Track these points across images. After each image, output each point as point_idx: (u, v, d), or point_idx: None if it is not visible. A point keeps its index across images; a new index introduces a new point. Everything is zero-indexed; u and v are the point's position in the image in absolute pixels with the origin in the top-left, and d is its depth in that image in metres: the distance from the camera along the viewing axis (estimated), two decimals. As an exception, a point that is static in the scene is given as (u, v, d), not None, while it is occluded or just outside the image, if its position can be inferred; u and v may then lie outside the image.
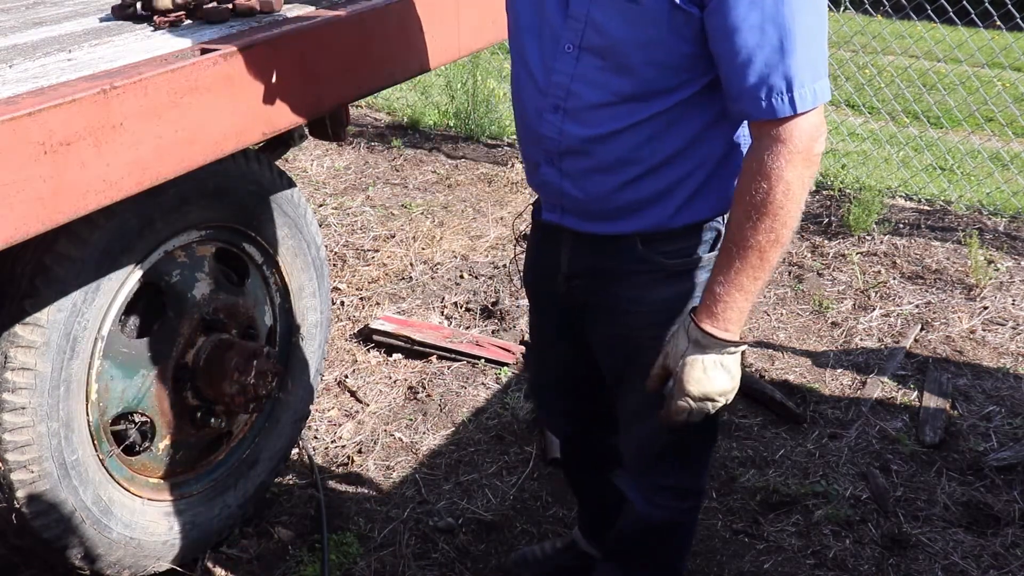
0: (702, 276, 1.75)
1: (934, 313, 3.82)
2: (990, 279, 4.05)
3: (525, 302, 3.81)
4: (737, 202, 1.56)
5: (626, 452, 2.01)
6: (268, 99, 1.78)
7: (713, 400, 1.64)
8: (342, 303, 3.82)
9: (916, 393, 3.29)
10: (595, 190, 1.71)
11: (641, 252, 1.74)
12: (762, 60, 1.48)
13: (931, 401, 3.21)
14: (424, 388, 3.29)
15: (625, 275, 1.77)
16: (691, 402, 1.64)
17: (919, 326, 3.71)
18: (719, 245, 1.73)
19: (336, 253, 4.22)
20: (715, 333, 1.59)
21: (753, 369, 3.42)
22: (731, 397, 1.67)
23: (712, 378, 1.62)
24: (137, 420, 2.18)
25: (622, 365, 1.89)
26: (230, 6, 1.97)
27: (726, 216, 1.73)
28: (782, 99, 1.49)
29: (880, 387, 3.33)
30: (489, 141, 5.66)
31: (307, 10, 2.04)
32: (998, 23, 5.57)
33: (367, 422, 3.12)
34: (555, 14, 1.63)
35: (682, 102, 1.61)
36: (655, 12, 1.51)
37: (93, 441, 2.07)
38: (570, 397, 2.15)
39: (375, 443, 3.02)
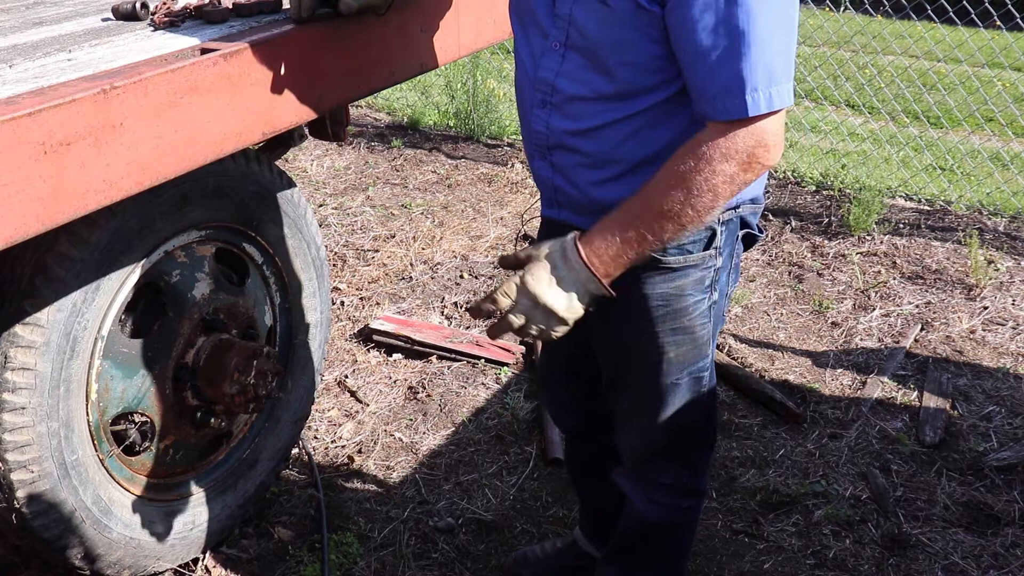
0: (696, 274, 1.76)
1: (934, 313, 3.82)
2: (990, 279, 4.05)
3: (525, 302, 3.80)
4: (663, 166, 1.55)
5: (624, 450, 2.01)
6: (268, 99, 1.78)
7: (533, 316, 1.58)
8: (342, 303, 3.82)
9: (916, 393, 3.29)
10: (582, 185, 1.74)
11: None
12: (715, 62, 1.48)
13: (931, 401, 3.21)
14: (424, 388, 3.29)
15: (624, 274, 1.77)
16: (513, 296, 1.58)
17: (919, 326, 3.71)
18: (713, 244, 1.75)
19: (336, 253, 4.22)
20: (583, 253, 1.56)
21: (753, 369, 3.42)
22: (554, 331, 1.60)
23: (553, 292, 1.57)
24: (137, 420, 2.18)
25: (618, 362, 1.90)
26: (230, 6, 1.97)
27: (723, 215, 1.74)
28: (732, 102, 1.48)
29: (880, 387, 3.33)
30: (489, 141, 5.66)
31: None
32: (998, 23, 5.57)
33: (367, 422, 3.12)
34: (544, 13, 1.66)
35: (662, 103, 1.61)
36: (622, 13, 1.54)
37: (93, 441, 2.07)
38: (576, 393, 2.16)
39: (375, 443, 3.02)
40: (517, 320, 1.60)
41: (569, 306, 1.59)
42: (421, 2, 2.16)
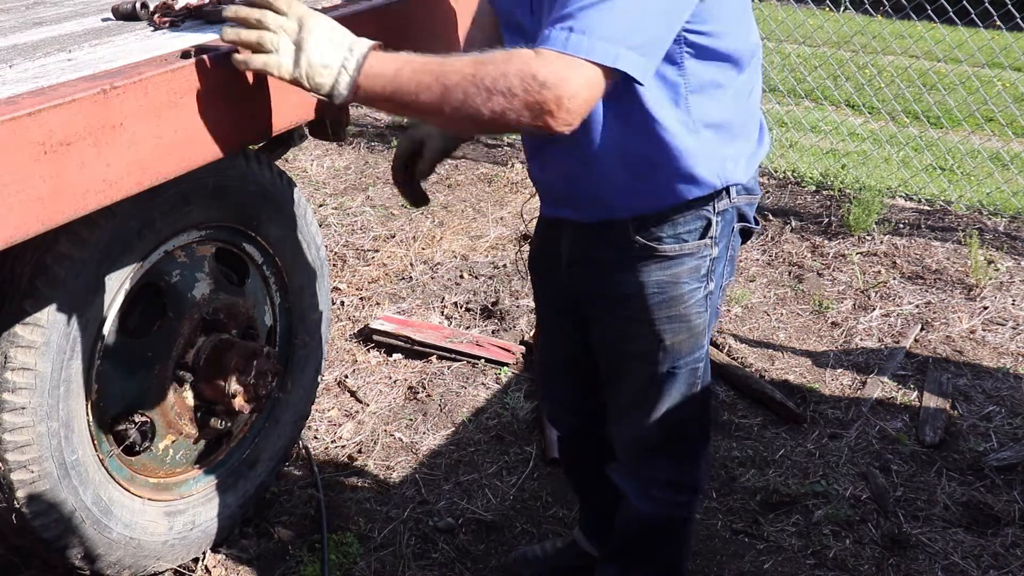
0: (691, 262, 1.77)
1: (934, 313, 3.82)
2: (990, 279, 4.05)
3: (525, 302, 3.81)
4: (482, 52, 1.50)
5: (619, 445, 2.02)
6: (268, 99, 1.78)
7: (284, 40, 1.51)
8: (342, 303, 3.82)
9: (916, 393, 3.29)
10: (572, 180, 1.75)
11: (634, 238, 1.76)
12: (569, 2, 1.46)
13: (931, 401, 3.21)
14: (424, 388, 3.29)
15: (620, 260, 1.79)
16: (289, 11, 1.51)
17: (919, 326, 3.71)
18: (709, 233, 1.76)
19: (336, 253, 4.22)
20: (366, 63, 1.51)
21: (753, 369, 3.42)
22: (279, 68, 1.52)
23: (321, 43, 1.50)
24: (137, 420, 2.18)
25: (616, 352, 1.91)
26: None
27: (718, 204, 1.75)
28: (559, 32, 1.44)
29: (880, 387, 3.33)
30: (489, 141, 5.66)
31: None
32: (998, 23, 5.57)
33: (367, 422, 3.12)
34: (523, 14, 1.67)
35: (624, 92, 1.59)
36: None
37: (93, 441, 2.07)
38: (576, 388, 2.16)
39: (375, 443, 3.02)
40: (269, 26, 1.52)
41: (312, 66, 1.50)
42: (419, 2, 2.17)
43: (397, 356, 3.49)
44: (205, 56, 1.65)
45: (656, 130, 1.65)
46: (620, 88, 1.55)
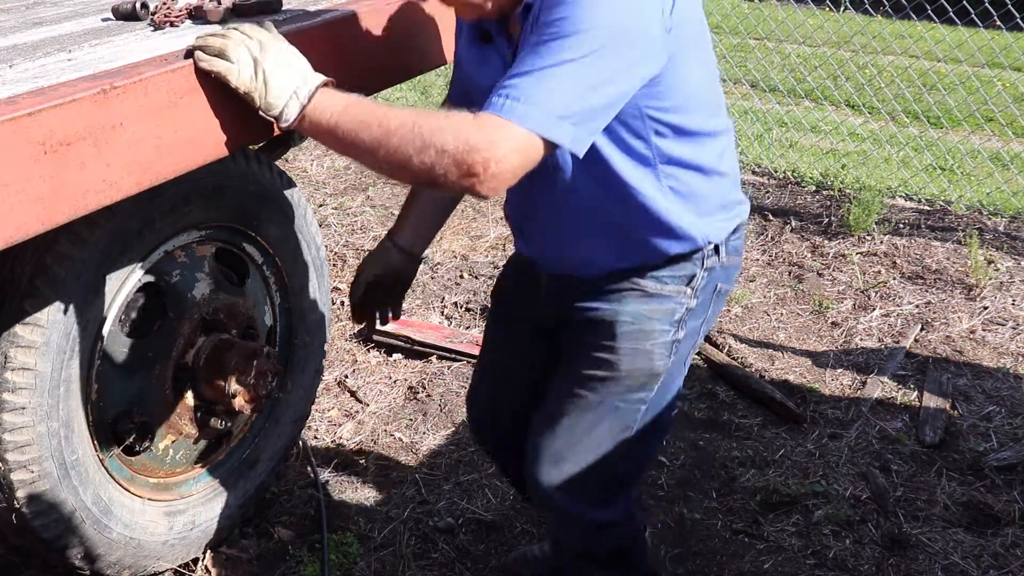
0: (668, 304, 1.79)
1: (934, 313, 3.82)
2: (990, 279, 4.05)
3: (525, 302, 3.81)
4: (423, 110, 1.54)
5: (546, 490, 1.92)
6: (268, 99, 1.78)
7: (240, 51, 1.56)
8: (342, 303, 3.82)
9: (916, 393, 3.29)
10: (559, 250, 1.82)
11: (617, 279, 1.79)
12: (512, 73, 1.48)
13: (931, 401, 3.21)
14: (424, 388, 3.29)
15: (602, 293, 1.81)
16: (252, 34, 1.58)
17: (919, 326, 3.72)
18: (691, 284, 1.78)
19: (336, 253, 4.22)
20: (314, 98, 1.55)
21: (753, 369, 3.42)
22: (238, 79, 1.56)
23: (281, 68, 1.56)
24: (137, 420, 2.18)
25: (572, 372, 1.88)
26: (229, 5, 1.97)
27: (707, 261, 1.78)
28: (498, 97, 1.46)
29: (880, 387, 3.33)
30: (489, 141, 5.66)
31: (306, 10, 2.04)
32: (998, 23, 5.57)
33: (367, 422, 3.12)
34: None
35: (588, 159, 1.60)
36: None
37: (93, 441, 2.07)
38: (509, 403, 2.12)
39: (375, 443, 3.02)
40: (233, 39, 1.57)
41: (268, 85, 1.55)
42: (419, 3, 2.16)
43: (397, 356, 3.49)
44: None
45: (634, 196, 1.68)
46: (584, 160, 1.57)
